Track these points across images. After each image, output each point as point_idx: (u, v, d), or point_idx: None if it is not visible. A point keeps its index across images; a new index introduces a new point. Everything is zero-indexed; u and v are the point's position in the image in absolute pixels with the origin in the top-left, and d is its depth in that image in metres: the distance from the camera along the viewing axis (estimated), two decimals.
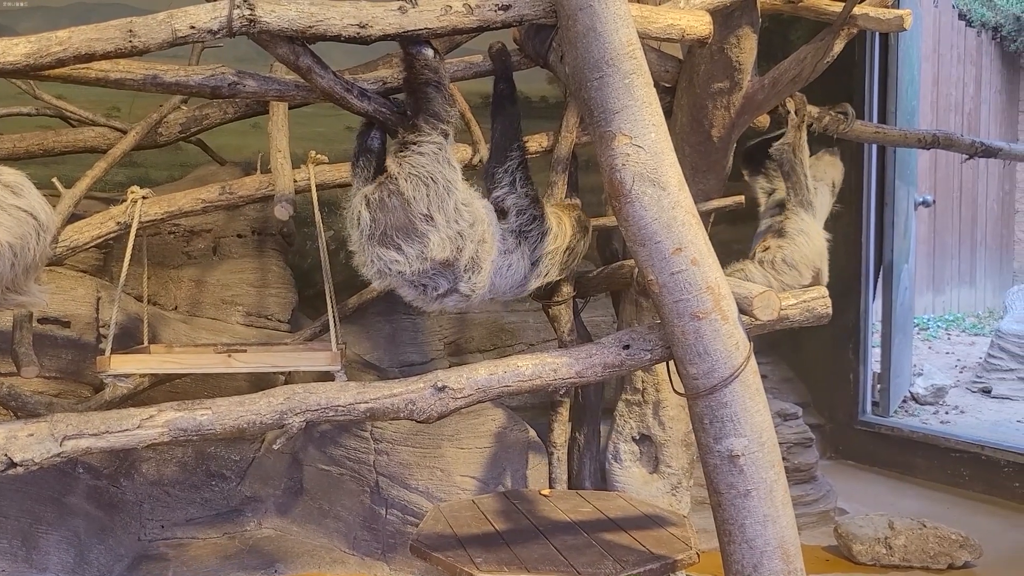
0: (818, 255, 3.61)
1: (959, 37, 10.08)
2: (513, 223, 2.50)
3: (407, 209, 2.33)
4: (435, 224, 2.33)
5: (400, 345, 5.00)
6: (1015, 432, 6.00)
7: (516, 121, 2.56)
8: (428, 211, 2.33)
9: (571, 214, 2.76)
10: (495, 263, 2.47)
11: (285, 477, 4.23)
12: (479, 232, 2.40)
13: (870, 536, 4.09)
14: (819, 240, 3.61)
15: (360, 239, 2.42)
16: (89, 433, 2.10)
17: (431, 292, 2.46)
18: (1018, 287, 8.25)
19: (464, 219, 2.36)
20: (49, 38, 2.18)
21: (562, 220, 2.68)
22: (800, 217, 3.60)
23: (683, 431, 3.78)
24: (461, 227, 2.35)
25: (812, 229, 3.60)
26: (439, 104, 2.36)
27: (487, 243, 2.43)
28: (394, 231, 2.35)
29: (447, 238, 2.35)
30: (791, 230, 3.59)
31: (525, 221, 2.51)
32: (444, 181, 2.34)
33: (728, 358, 2.18)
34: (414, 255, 2.36)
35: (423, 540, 2.80)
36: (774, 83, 3.30)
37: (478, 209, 2.42)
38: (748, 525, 2.20)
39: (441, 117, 2.37)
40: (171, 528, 4.06)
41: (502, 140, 2.52)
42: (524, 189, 2.50)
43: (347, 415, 2.24)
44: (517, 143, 2.52)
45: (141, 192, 3.34)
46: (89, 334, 3.92)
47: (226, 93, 2.54)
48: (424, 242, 2.34)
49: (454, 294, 2.47)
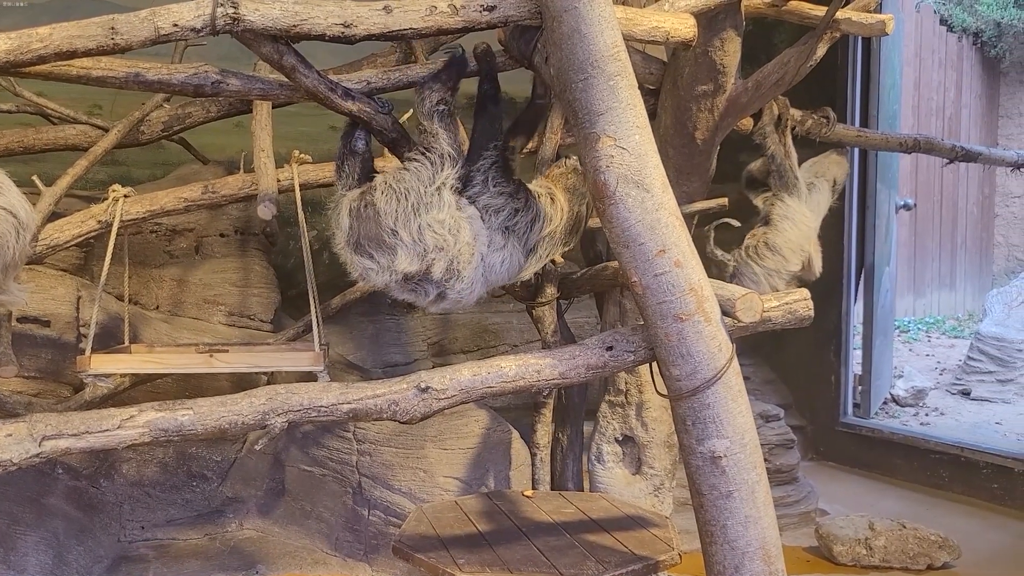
0: (804, 239, 3.61)
1: (940, 42, 10.17)
2: (495, 222, 2.50)
3: (378, 221, 2.41)
4: (400, 239, 2.40)
5: (383, 346, 4.99)
6: (994, 434, 6.06)
7: (497, 121, 2.56)
8: (394, 226, 2.39)
9: (564, 182, 2.71)
10: (483, 265, 2.50)
11: (267, 478, 4.21)
12: (455, 248, 2.43)
13: (851, 537, 4.12)
14: (805, 225, 3.61)
15: (341, 243, 2.49)
16: (69, 433, 2.08)
17: (423, 296, 2.51)
18: (997, 290, 8.33)
19: (430, 239, 2.40)
20: (30, 35, 2.16)
21: (555, 197, 2.64)
22: (784, 203, 3.63)
23: (666, 432, 3.79)
24: (426, 245, 2.40)
25: (797, 214, 3.61)
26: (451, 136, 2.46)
27: (464, 256, 2.45)
28: (367, 241, 2.43)
29: (414, 254, 2.40)
30: (775, 216, 3.64)
31: (506, 217, 2.51)
32: (416, 199, 2.39)
33: (711, 360, 2.18)
34: (385, 265, 2.43)
35: (405, 541, 2.79)
36: (757, 86, 3.32)
37: (458, 225, 2.43)
38: (730, 526, 2.21)
39: (453, 149, 2.45)
40: (151, 529, 4.04)
41: (480, 139, 2.52)
42: (497, 188, 2.49)
43: (329, 416, 2.23)
44: (495, 143, 2.51)
45: (123, 191, 3.31)
46: (69, 333, 3.89)
47: (209, 92, 2.52)
48: (392, 255, 2.41)
49: (445, 299, 2.52)
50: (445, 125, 2.45)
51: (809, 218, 3.63)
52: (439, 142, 2.44)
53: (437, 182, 2.42)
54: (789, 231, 3.60)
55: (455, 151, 2.45)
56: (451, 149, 2.44)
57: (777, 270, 3.58)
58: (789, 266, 3.61)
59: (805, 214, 3.62)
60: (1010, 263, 10.88)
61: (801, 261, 3.64)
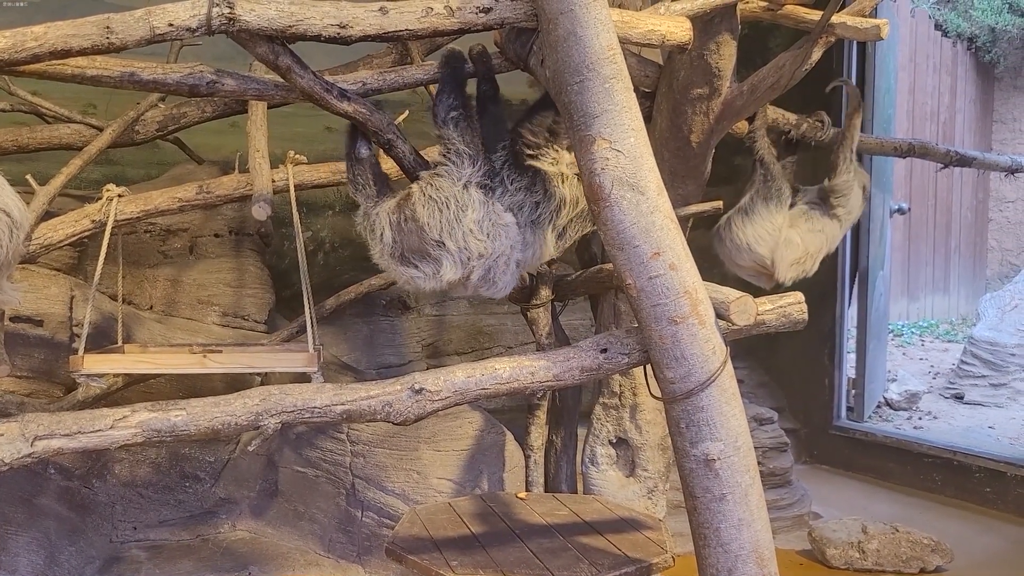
0: (757, 240, 3.78)
1: (935, 47, 10.20)
2: (520, 219, 2.53)
3: (421, 235, 2.48)
4: (446, 250, 2.47)
5: (378, 347, 4.98)
6: (986, 438, 6.08)
7: (501, 121, 2.59)
8: (439, 238, 2.47)
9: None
10: (516, 268, 2.57)
11: (260, 479, 4.20)
12: (494, 255, 2.49)
13: (844, 540, 4.12)
14: (765, 229, 3.77)
15: (382, 255, 2.57)
16: (61, 433, 2.07)
17: (462, 291, 2.60)
18: (991, 294, 8.35)
19: (474, 246, 2.47)
20: (24, 33, 2.15)
21: (571, 181, 2.66)
22: (756, 204, 3.78)
23: (660, 435, 3.79)
24: (470, 252, 2.47)
25: (761, 218, 3.76)
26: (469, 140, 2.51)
27: (500, 264, 2.52)
28: (411, 253, 2.51)
29: (459, 262, 2.48)
30: (744, 207, 3.81)
31: (529, 212, 2.55)
32: (456, 207, 2.46)
33: (705, 362, 2.19)
34: (430, 273, 2.52)
35: (398, 543, 2.79)
36: (753, 89, 3.32)
37: (496, 232, 2.49)
38: (723, 529, 2.21)
39: (471, 150, 2.51)
40: (144, 530, 4.03)
41: (489, 142, 2.55)
42: (514, 185, 2.53)
43: (323, 417, 2.22)
44: (502, 142, 2.54)
45: (117, 190, 3.31)
46: (62, 333, 3.87)
47: (204, 92, 2.52)
48: (437, 265, 2.50)
49: (477, 293, 2.61)
50: (459, 129, 2.50)
51: (775, 227, 3.76)
52: (454, 143, 2.49)
53: (463, 179, 2.47)
54: (746, 225, 3.77)
55: (471, 149, 2.49)
56: (466, 148, 2.49)
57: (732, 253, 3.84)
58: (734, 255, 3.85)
59: (772, 221, 3.76)
60: (1003, 267, 10.91)
61: (752, 259, 3.83)
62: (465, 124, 2.51)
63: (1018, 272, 9.11)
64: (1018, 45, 10.57)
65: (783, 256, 3.79)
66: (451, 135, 2.50)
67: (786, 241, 3.78)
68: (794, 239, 3.81)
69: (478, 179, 2.48)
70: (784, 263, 3.80)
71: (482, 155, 2.50)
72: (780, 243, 3.77)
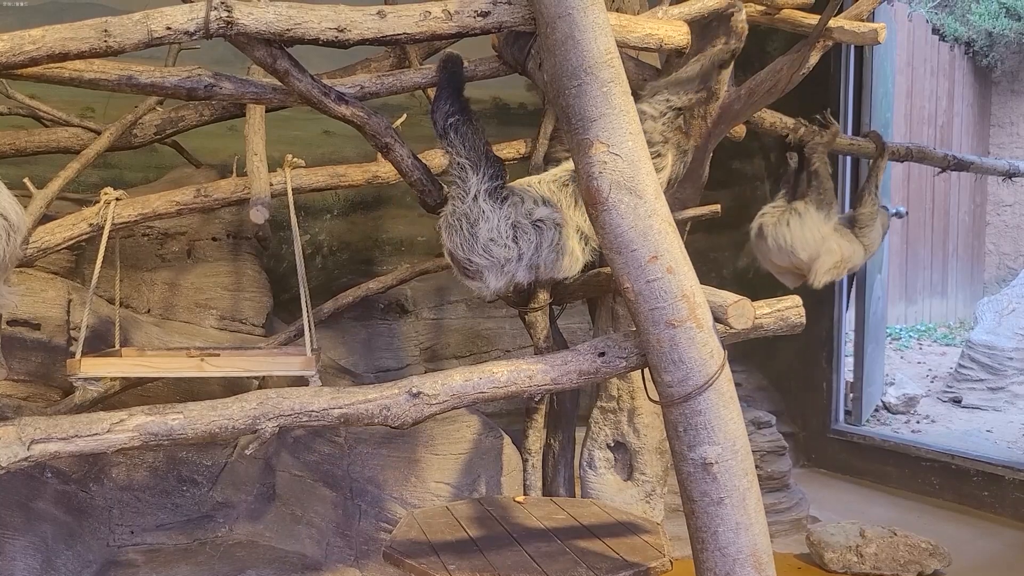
0: (803, 244, 3.94)
1: (932, 51, 10.22)
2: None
3: (456, 260, 2.49)
4: (479, 266, 2.47)
5: (376, 351, 4.98)
6: (984, 442, 6.08)
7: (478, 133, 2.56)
8: (469, 257, 2.46)
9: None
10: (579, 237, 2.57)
11: (258, 483, 4.19)
12: (528, 251, 2.47)
13: (841, 544, 4.12)
14: (812, 234, 3.94)
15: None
16: (58, 437, 2.07)
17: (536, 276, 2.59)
18: (988, 298, 8.36)
19: (500, 252, 2.44)
20: (22, 36, 2.15)
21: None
22: (807, 208, 3.96)
23: (657, 438, 3.79)
24: (500, 259, 2.45)
25: (811, 222, 3.94)
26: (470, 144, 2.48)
27: (544, 252, 2.50)
28: (463, 272, 2.52)
29: (497, 272, 2.48)
30: (793, 211, 3.99)
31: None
32: (468, 224, 2.43)
33: (702, 366, 2.19)
34: (483, 286, 2.52)
35: (396, 547, 2.79)
36: (750, 93, 3.33)
37: (523, 226, 2.47)
38: (721, 533, 2.21)
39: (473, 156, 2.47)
40: (141, 534, 4.01)
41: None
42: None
43: (320, 420, 2.22)
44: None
45: (115, 193, 3.30)
46: (60, 337, 3.87)
47: (202, 95, 2.52)
48: (482, 279, 2.50)
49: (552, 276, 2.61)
50: (460, 135, 2.46)
51: (822, 235, 3.95)
52: (456, 153, 2.46)
53: (470, 192, 2.44)
54: (796, 229, 3.92)
55: (474, 155, 2.45)
56: (467, 157, 2.45)
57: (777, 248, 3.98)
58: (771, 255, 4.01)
59: (821, 229, 3.94)
60: (1001, 271, 10.93)
61: (792, 261, 3.97)
62: (465, 128, 2.47)
63: (1016, 276, 9.12)
64: (1015, 49, 10.59)
65: (823, 262, 3.97)
66: (453, 143, 2.46)
67: (828, 249, 3.97)
68: (834, 247, 4.00)
69: (486, 186, 2.44)
70: (822, 268, 3.98)
71: (485, 157, 2.46)
72: (823, 250, 3.95)
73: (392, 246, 5.48)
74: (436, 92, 2.56)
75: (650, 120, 2.66)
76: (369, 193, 5.36)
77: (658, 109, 2.69)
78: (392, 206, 5.47)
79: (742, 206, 5.90)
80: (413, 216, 5.36)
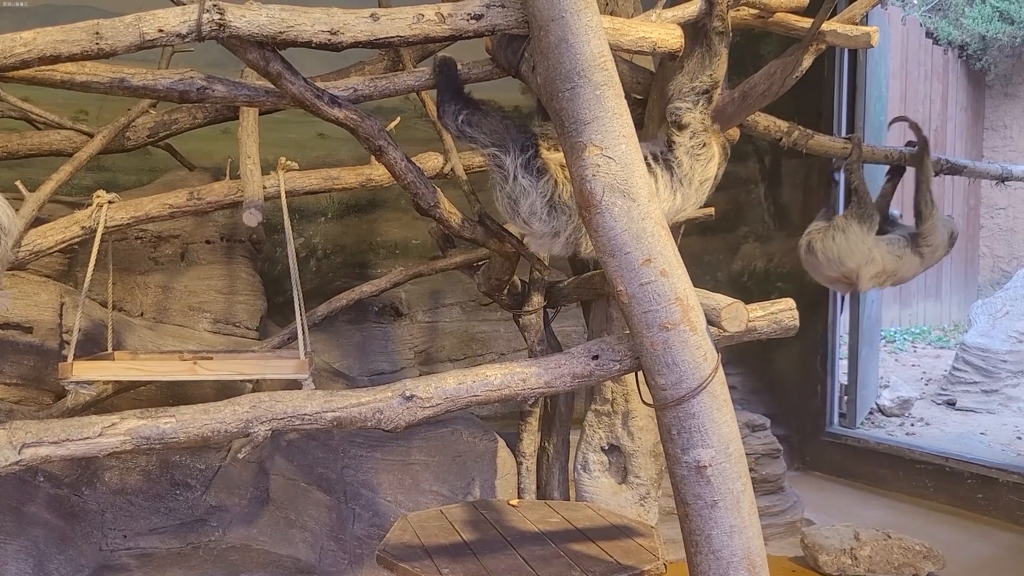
0: (848, 254, 4.22)
1: (926, 55, 10.25)
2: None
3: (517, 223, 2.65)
4: (535, 234, 2.63)
5: (370, 354, 4.98)
6: (978, 444, 6.09)
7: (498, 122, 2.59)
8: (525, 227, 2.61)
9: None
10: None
11: (251, 487, 4.18)
12: (568, 224, 2.57)
13: (836, 547, 4.12)
14: (856, 245, 4.22)
15: None
16: (49, 441, 2.06)
17: None
18: (982, 301, 8.38)
19: (539, 226, 2.56)
20: (14, 39, 2.14)
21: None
22: (849, 223, 4.23)
23: (652, 441, 3.79)
24: (546, 231, 2.58)
25: (854, 234, 4.21)
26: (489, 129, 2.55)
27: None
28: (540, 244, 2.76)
29: (547, 239, 2.61)
30: (834, 225, 4.26)
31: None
32: (511, 201, 2.56)
33: (696, 369, 2.18)
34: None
35: (390, 550, 2.78)
36: (744, 96, 3.33)
37: (561, 200, 2.55)
38: (715, 536, 2.21)
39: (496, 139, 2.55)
40: (133, 538, 4.00)
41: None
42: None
43: (313, 424, 2.21)
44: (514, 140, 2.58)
45: (107, 196, 3.29)
46: (52, 340, 3.85)
47: (195, 98, 2.51)
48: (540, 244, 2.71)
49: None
50: (477, 127, 2.51)
51: (865, 246, 4.22)
52: (482, 146, 2.52)
53: (509, 174, 2.51)
54: (841, 241, 4.20)
55: (498, 138, 2.51)
56: (492, 145, 2.51)
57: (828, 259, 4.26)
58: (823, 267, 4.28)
59: (864, 241, 4.22)
60: (995, 274, 10.96)
61: (841, 271, 4.28)
62: (478, 117, 2.51)
63: (1009, 278, 9.14)
64: (1008, 53, 10.63)
65: (867, 271, 4.23)
66: (473, 137, 2.52)
67: (870, 259, 4.22)
68: (876, 258, 4.24)
69: (522, 161, 2.51)
70: (866, 276, 4.25)
71: (512, 137, 2.51)
72: (866, 260, 4.22)
73: (386, 249, 5.47)
74: (437, 98, 2.57)
75: (687, 112, 2.73)
76: (363, 196, 5.36)
77: (690, 100, 2.75)
78: (386, 209, 5.47)
79: (736, 209, 5.93)
80: (407, 219, 5.36)
